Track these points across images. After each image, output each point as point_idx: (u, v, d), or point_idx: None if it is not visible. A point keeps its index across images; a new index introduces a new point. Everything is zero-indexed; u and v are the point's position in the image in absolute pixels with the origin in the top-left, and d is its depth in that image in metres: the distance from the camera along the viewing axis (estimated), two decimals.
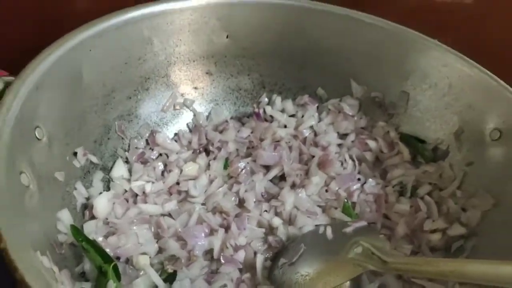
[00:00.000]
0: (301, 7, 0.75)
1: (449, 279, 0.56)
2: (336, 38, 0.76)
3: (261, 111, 0.80)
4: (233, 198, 0.68)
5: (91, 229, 0.59)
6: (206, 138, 0.76)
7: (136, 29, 0.68)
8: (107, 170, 0.68)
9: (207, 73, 0.78)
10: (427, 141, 0.74)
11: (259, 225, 0.66)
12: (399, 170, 0.73)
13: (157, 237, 0.62)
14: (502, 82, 0.66)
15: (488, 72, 0.67)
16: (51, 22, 0.78)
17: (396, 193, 0.71)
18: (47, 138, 0.55)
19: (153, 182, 0.67)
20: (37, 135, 0.54)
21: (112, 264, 0.54)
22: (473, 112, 0.68)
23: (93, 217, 0.61)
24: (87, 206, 0.62)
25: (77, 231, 0.55)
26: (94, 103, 0.65)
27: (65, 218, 0.56)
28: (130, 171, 0.69)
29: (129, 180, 0.68)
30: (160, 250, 0.61)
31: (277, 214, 0.67)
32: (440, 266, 0.52)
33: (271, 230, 0.66)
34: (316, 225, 0.65)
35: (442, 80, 0.71)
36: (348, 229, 0.62)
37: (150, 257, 0.60)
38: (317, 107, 0.81)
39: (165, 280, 0.58)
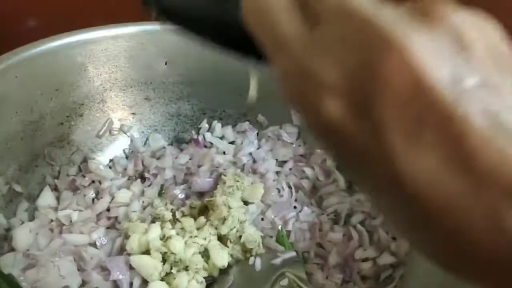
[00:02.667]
0: None
1: None
2: None
3: (200, 137, 0.79)
4: None
5: (8, 262, 0.57)
6: (143, 165, 0.75)
7: (69, 55, 0.67)
8: (32, 198, 0.66)
9: (145, 98, 0.78)
10: None
11: None
12: (335, 198, 0.73)
13: (81, 269, 0.60)
14: None
15: None
16: None
17: (331, 221, 0.72)
18: None
19: (81, 211, 0.66)
20: None
21: None
22: None
23: (12, 249, 0.59)
24: (7, 238, 0.60)
25: None
26: (21, 129, 0.64)
27: None
28: (58, 199, 0.67)
29: (56, 209, 0.66)
30: (84, 283, 0.59)
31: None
32: None
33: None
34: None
35: None
36: (276, 261, 0.62)
37: None
38: (257, 133, 0.81)
39: None
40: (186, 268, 0.61)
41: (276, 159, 0.79)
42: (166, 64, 0.76)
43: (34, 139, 0.66)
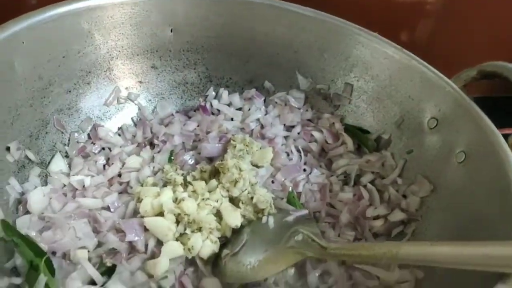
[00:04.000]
0: (244, 1, 0.75)
1: (384, 262, 0.57)
2: (282, 32, 0.77)
3: (207, 104, 0.79)
4: None
5: (24, 224, 0.57)
6: (151, 132, 0.75)
7: (75, 22, 0.67)
8: (44, 164, 0.66)
9: (152, 67, 0.77)
10: (371, 132, 0.75)
11: None
12: (344, 160, 0.74)
13: (96, 231, 0.61)
14: (439, 73, 0.67)
15: (426, 64, 0.69)
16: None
17: (340, 182, 0.72)
18: None
19: (93, 176, 0.66)
20: None
21: (44, 257, 0.52)
22: (412, 102, 0.70)
23: (27, 212, 0.59)
24: (21, 201, 0.60)
25: (7, 225, 0.53)
26: (29, 96, 0.63)
27: None
28: (69, 165, 0.68)
29: (68, 175, 0.66)
30: (100, 244, 0.60)
31: None
32: (374, 250, 0.52)
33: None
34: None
35: (383, 72, 0.73)
36: (289, 218, 0.63)
37: (88, 251, 0.58)
38: (264, 100, 0.81)
39: (103, 274, 0.56)
40: (199, 229, 0.61)
41: (284, 124, 0.79)
42: (171, 31, 0.75)
43: (43, 106, 0.66)
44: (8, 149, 0.60)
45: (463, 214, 0.59)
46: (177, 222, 0.62)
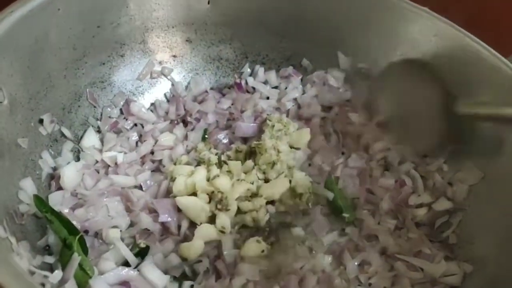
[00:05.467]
0: None
1: None
2: (323, 6, 0.73)
3: (243, 82, 0.76)
4: None
5: (56, 201, 0.56)
6: (184, 109, 0.72)
7: None
8: (77, 139, 0.64)
9: (186, 40, 0.74)
10: None
11: None
12: (381, 143, 0.70)
13: (129, 210, 0.59)
14: (495, 52, 0.63)
15: (480, 42, 0.64)
16: None
17: (381, 167, 0.69)
18: (8, 102, 0.52)
19: (125, 153, 0.64)
20: None
21: (78, 236, 0.51)
22: (465, 84, 0.65)
23: (59, 188, 0.57)
24: (54, 177, 0.58)
25: (40, 201, 0.52)
26: (63, 67, 0.61)
27: (28, 187, 0.53)
28: (101, 141, 0.66)
29: (100, 151, 0.64)
30: (132, 224, 0.58)
31: None
32: None
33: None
34: None
35: (432, 51, 0.68)
36: None
37: (121, 231, 0.57)
38: (301, 79, 0.77)
39: (136, 255, 0.55)
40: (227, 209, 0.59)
41: (322, 105, 0.75)
42: (209, 3, 0.72)
43: (77, 78, 0.64)
44: (41, 121, 0.58)
45: None
46: (210, 200, 0.60)
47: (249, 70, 0.78)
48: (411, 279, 0.55)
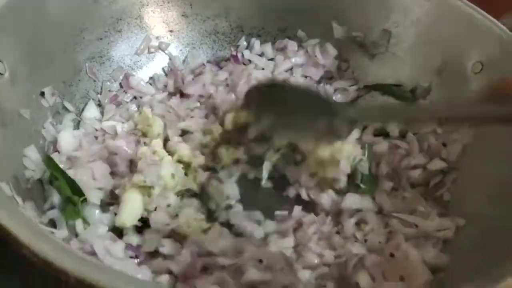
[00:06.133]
0: None
1: None
2: None
3: (239, 54, 0.78)
4: None
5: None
6: (183, 82, 0.74)
7: None
8: (78, 111, 0.66)
9: (182, 15, 0.76)
10: (403, 84, 0.72)
11: None
12: None
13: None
14: (486, 14, 0.64)
15: (472, 5, 0.65)
16: None
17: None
18: (9, 74, 0.54)
19: (123, 122, 0.66)
20: None
21: (82, 198, 0.53)
22: (456, 47, 0.66)
23: (57, 151, 0.59)
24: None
25: (50, 160, 0.54)
26: (62, 42, 0.63)
27: (32, 154, 0.54)
28: (102, 113, 0.67)
29: (100, 120, 0.66)
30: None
31: None
32: None
33: None
34: None
35: (425, 16, 0.69)
36: None
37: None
38: (297, 50, 0.78)
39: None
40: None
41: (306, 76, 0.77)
42: None
43: (76, 53, 0.66)
44: (43, 94, 0.60)
45: (508, 164, 0.56)
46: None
47: (245, 43, 0.79)
48: (405, 234, 0.57)
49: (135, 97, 0.71)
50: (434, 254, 0.54)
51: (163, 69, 0.76)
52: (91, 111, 0.66)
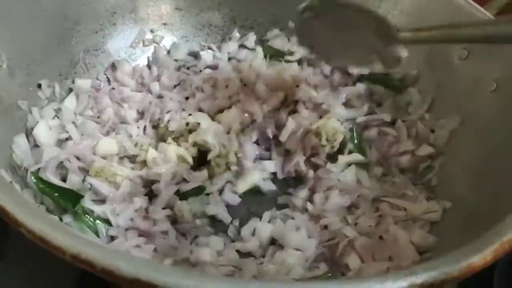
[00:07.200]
0: None
1: None
2: None
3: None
4: None
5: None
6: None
7: None
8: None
9: (176, 8, 0.77)
10: (391, 73, 0.73)
11: None
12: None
13: None
14: (470, 1, 0.65)
15: None
16: None
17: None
18: (7, 66, 0.55)
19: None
20: None
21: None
22: None
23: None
24: None
25: (40, 181, 0.53)
26: (58, 35, 0.65)
27: (21, 142, 0.56)
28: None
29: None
30: None
31: None
32: None
33: None
34: None
35: (412, 4, 0.70)
36: None
37: None
38: (288, 40, 0.80)
39: None
40: None
41: None
42: None
43: (71, 45, 0.67)
44: (39, 86, 0.61)
45: (492, 147, 0.57)
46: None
47: (238, 34, 0.80)
48: (394, 217, 0.58)
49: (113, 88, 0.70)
50: (422, 236, 0.56)
51: None
52: (70, 101, 0.66)
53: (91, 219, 0.54)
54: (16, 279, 0.53)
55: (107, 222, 0.55)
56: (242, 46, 0.79)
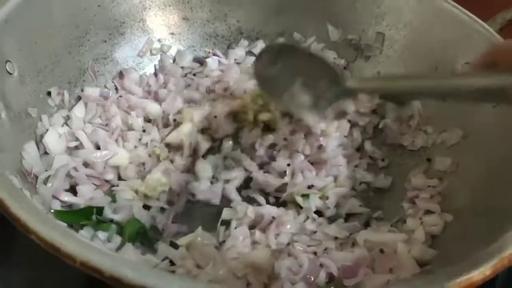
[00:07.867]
0: None
1: None
2: None
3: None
4: None
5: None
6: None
7: None
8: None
9: (183, 18, 0.79)
10: None
11: None
12: None
13: None
14: (473, 16, 0.66)
15: (459, 7, 0.68)
16: None
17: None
18: (18, 74, 0.56)
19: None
20: (8, 69, 0.55)
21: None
22: (446, 48, 0.68)
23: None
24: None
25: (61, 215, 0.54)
26: (67, 44, 0.66)
27: (31, 150, 0.56)
28: None
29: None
30: None
31: None
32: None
33: None
34: None
35: (416, 18, 0.72)
36: None
37: None
38: None
39: None
40: None
41: None
42: None
43: (80, 54, 0.68)
44: (49, 93, 0.63)
45: (494, 161, 0.58)
46: None
47: (246, 42, 0.81)
48: None
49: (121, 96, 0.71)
50: (423, 250, 0.56)
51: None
52: (79, 109, 0.66)
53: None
54: (24, 283, 0.54)
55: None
56: (249, 52, 0.80)
